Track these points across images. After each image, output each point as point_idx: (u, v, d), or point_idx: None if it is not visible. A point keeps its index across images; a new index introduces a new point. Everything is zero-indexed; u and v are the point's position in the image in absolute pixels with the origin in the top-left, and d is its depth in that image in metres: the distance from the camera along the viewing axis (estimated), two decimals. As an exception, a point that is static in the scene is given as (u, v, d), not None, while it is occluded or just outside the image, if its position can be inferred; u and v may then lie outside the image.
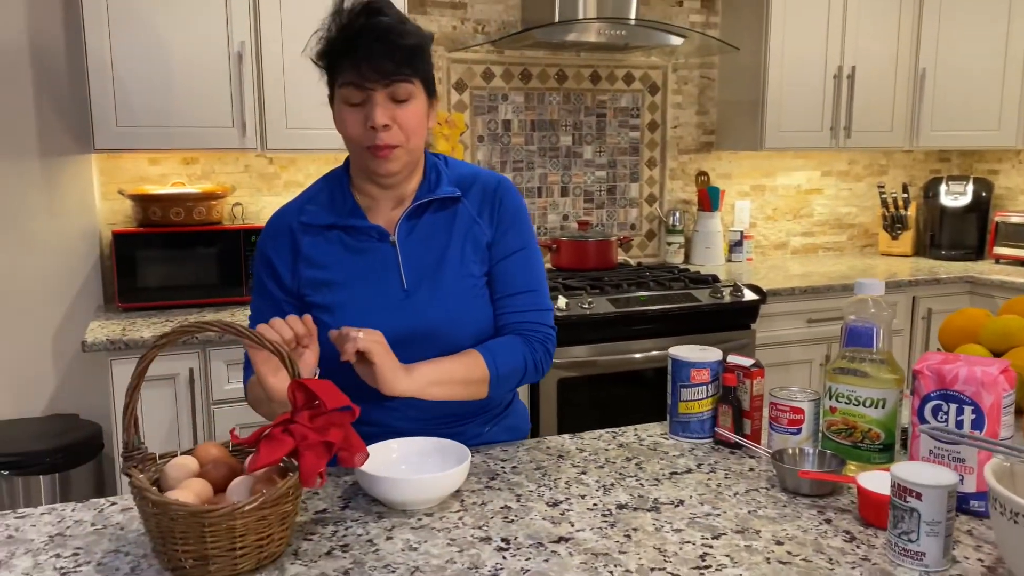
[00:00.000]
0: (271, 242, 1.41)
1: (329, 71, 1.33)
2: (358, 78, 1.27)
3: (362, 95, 1.28)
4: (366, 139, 1.30)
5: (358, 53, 1.26)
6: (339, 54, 1.29)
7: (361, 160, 1.35)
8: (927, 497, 0.98)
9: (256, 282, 1.43)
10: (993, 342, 1.56)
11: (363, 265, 1.38)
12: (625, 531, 1.11)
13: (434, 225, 1.41)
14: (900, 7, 3.52)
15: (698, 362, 1.46)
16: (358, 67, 1.26)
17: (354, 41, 1.27)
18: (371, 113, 1.28)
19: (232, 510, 0.96)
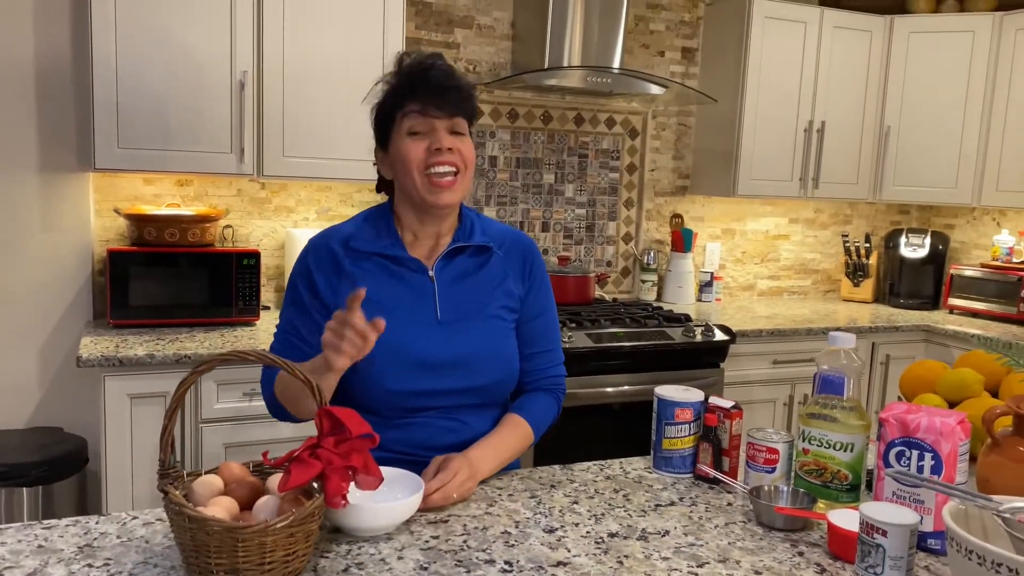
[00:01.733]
0: (314, 257, 1.50)
1: (391, 108, 1.46)
2: (424, 108, 1.42)
3: (426, 125, 1.43)
4: (428, 162, 1.43)
5: (428, 85, 1.42)
6: (407, 88, 1.43)
7: (419, 191, 1.45)
8: (892, 534, 1.10)
9: (291, 294, 1.52)
10: (949, 392, 1.70)
11: (402, 292, 1.49)
12: (617, 558, 1.21)
13: (467, 267, 1.55)
14: (868, 68, 3.73)
15: (682, 402, 1.57)
16: (426, 99, 1.42)
17: (423, 76, 1.43)
18: (437, 137, 1.43)
19: (265, 527, 1.04)
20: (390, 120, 1.47)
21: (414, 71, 1.44)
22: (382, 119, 1.49)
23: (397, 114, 1.45)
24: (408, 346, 1.43)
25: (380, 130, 1.50)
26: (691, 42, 3.77)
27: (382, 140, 1.50)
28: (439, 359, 1.46)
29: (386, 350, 1.38)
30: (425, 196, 1.45)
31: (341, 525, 1.24)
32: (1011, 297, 3.59)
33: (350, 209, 3.24)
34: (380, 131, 1.50)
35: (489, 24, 3.38)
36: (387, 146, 1.49)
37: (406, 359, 1.44)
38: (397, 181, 1.50)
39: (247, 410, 2.51)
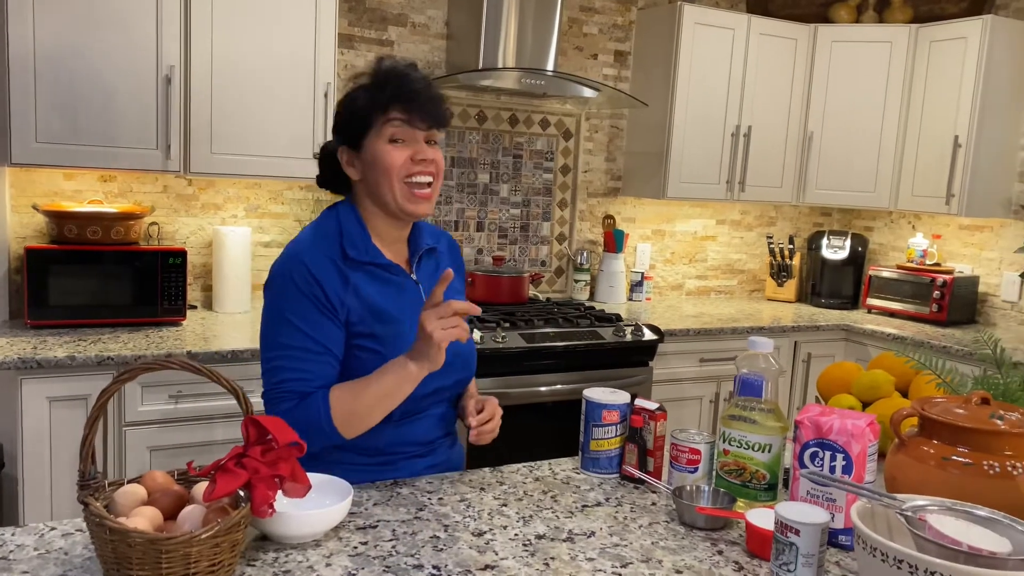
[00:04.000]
0: (317, 269, 1.45)
1: (370, 110, 1.46)
2: (410, 117, 1.45)
3: (408, 134, 1.46)
4: (407, 170, 1.46)
5: (413, 94, 1.44)
6: (391, 94, 1.44)
7: (397, 198, 1.48)
8: (804, 533, 1.15)
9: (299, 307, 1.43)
10: (863, 393, 1.78)
11: (402, 301, 1.53)
12: (544, 560, 1.24)
13: (431, 268, 1.63)
14: (793, 75, 3.84)
15: (609, 404, 1.61)
16: (411, 108, 1.44)
17: (408, 84, 1.45)
18: (419, 148, 1.47)
19: (189, 538, 1.03)
20: (367, 122, 1.46)
21: (398, 78, 1.45)
22: (358, 119, 1.47)
23: (377, 118, 1.45)
24: None
25: (352, 130, 1.48)
26: (624, 45, 3.83)
27: (353, 140, 1.49)
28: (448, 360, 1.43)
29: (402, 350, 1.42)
30: (404, 205, 1.48)
31: (268, 533, 1.23)
32: (925, 297, 3.75)
33: (280, 207, 3.20)
34: (352, 131, 1.49)
35: (423, 22, 3.37)
36: (359, 147, 1.48)
37: None
38: (367, 184, 1.50)
39: (173, 413, 2.46)
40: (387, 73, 1.47)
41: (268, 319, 1.46)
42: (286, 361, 1.42)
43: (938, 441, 1.33)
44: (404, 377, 1.38)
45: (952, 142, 3.56)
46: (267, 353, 1.44)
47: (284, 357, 1.42)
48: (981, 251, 3.88)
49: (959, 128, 3.55)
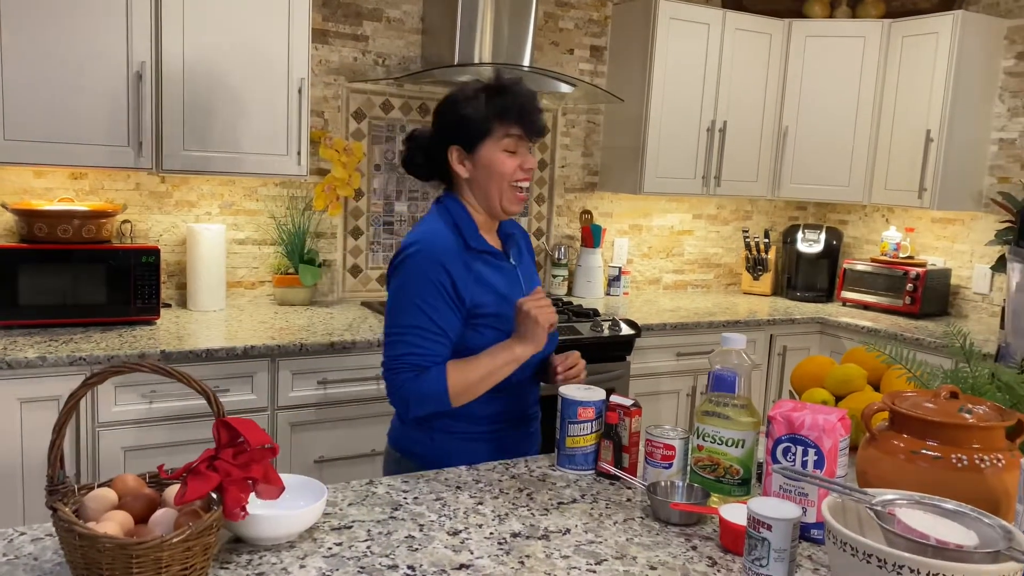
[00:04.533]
0: (448, 259, 1.64)
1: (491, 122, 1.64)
2: (527, 134, 1.67)
3: (520, 146, 1.68)
4: (516, 177, 1.68)
5: (530, 114, 1.66)
6: (515, 112, 1.65)
7: (502, 199, 1.70)
8: (776, 528, 1.16)
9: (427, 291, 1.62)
10: (835, 387, 1.80)
11: (507, 282, 1.74)
12: (519, 558, 1.24)
13: (518, 253, 1.84)
14: (767, 69, 3.87)
15: (585, 401, 1.61)
16: (528, 126, 1.66)
17: (528, 103, 1.66)
18: (526, 158, 1.69)
19: (160, 542, 1.02)
20: (486, 131, 1.65)
21: (521, 97, 1.66)
22: (475, 126, 1.65)
23: (497, 130, 1.65)
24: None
25: (469, 134, 1.66)
26: (600, 40, 3.83)
27: (467, 143, 1.67)
28: None
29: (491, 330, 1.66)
30: (506, 205, 1.70)
31: (242, 535, 1.23)
32: (898, 290, 3.80)
33: (255, 203, 3.17)
34: (468, 135, 1.66)
35: (398, 17, 3.35)
36: (473, 150, 1.67)
37: None
38: (476, 183, 1.70)
39: (148, 413, 2.44)
40: (508, 89, 1.66)
41: (398, 300, 1.65)
42: (409, 338, 1.62)
43: (908, 435, 1.35)
44: (512, 358, 1.63)
45: (924, 136, 3.60)
46: (392, 329, 1.64)
47: (408, 334, 1.62)
48: (953, 244, 3.93)
49: (931, 122, 3.59)
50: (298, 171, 2.88)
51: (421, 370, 1.61)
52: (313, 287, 3.25)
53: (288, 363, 2.62)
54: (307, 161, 2.89)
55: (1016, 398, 1.43)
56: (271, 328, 2.79)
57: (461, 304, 1.64)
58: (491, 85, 1.68)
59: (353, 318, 3.04)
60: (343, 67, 3.27)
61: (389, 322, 1.65)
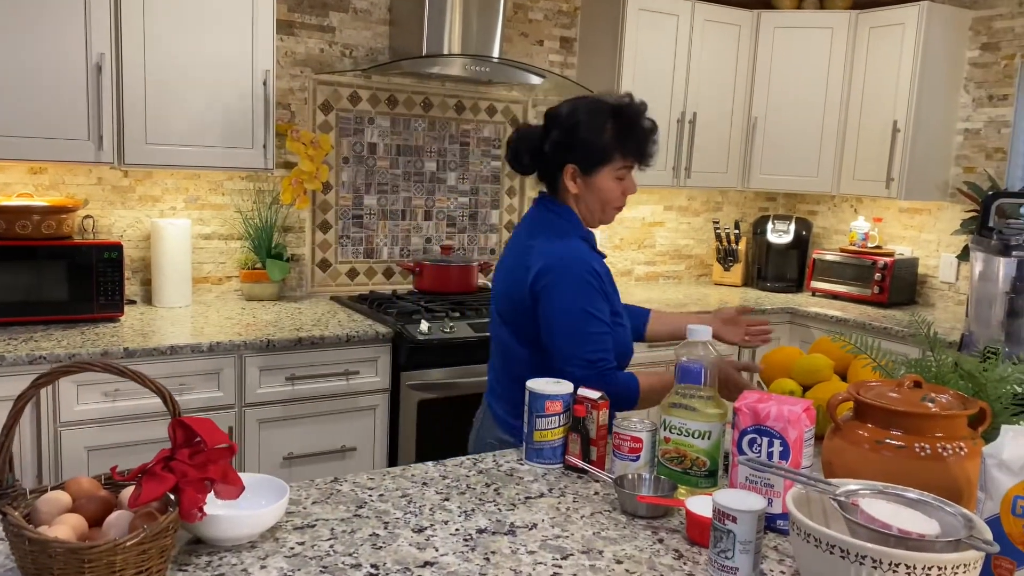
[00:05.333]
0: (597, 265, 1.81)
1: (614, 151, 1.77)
2: (639, 164, 1.81)
3: (626, 172, 1.81)
4: (619, 203, 1.85)
5: (649, 152, 1.81)
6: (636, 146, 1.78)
7: (602, 214, 1.86)
8: (741, 520, 1.16)
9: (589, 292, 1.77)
10: (803, 377, 1.80)
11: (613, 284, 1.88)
12: (484, 554, 1.23)
13: None
14: (736, 61, 3.87)
15: (552, 394, 1.60)
16: (641, 157, 1.80)
17: (644, 138, 1.79)
18: (630, 185, 1.84)
19: (114, 546, 1.00)
20: (606, 160, 1.78)
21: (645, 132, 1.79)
22: (599, 153, 1.77)
23: (617, 159, 1.78)
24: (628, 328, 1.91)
25: (590, 158, 1.78)
26: (569, 32, 3.82)
27: (586, 166, 1.79)
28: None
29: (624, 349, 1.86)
30: (601, 220, 1.88)
31: (201, 536, 1.20)
32: (867, 280, 3.83)
33: (220, 197, 3.12)
34: (589, 159, 1.78)
35: (365, 8, 3.31)
36: (589, 172, 1.80)
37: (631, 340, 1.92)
38: (582, 200, 1.84)
39: (111, 411, 2.40)
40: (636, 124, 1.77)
41: (574, 315, 1.75)
42: (600, 345, 1.76)
43: (872, 425, 1.35)
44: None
45: (891, 127, 3.63)
46: (583, 332, 1.75)
47: (598, 342, 1.76)
48: (920, 233, 3.97)
49: (898, 113, 3.62)
50: (264, 164, 2.84)
51: (614, 366, 1.79)
52: (281, 282, 3.21)
53: (255, 359, 2.59)
54: (273, 154, 2.85)
55: (978, 386, 1.45)
56: (238, 324, 2.75)
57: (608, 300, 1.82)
58: (621, 113, 1.77)
59: (322, 313, 3.01)
60: (309, 59, 3.22)
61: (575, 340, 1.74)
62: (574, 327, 1.75)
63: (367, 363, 2.78)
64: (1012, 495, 1.10)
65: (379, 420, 2.83)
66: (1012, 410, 1.43)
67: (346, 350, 2.73)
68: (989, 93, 3.67)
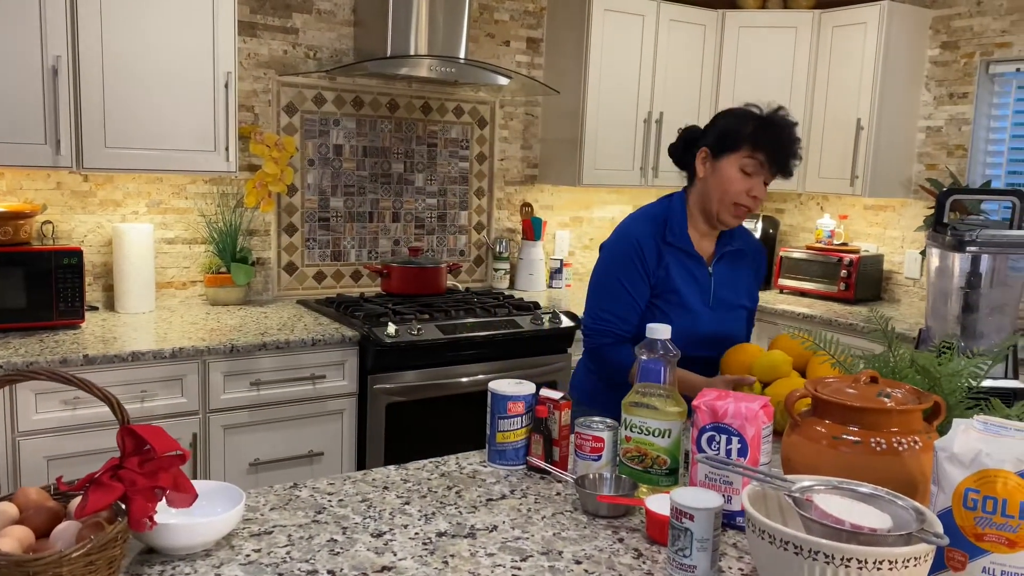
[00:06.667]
0: (645, 243, 1.90)
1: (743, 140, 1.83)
2: (768, 163, 1.83)
3: (755, 170, 1.83)
4: (740, 198, 1.86)
5: (779, 147, 1.82)
6: (764, 137, 1.82)
7: (719, 209, 1.89)
8: (698, 518, 1.16)
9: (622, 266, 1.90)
10: (762, 374, 1.81)
11: (693, 285, 1.93)
12: (443, 558, 1.22)
13: (729, 266, 2.00)
14: (702, 60, 3.90)
15: (514, 395, 1.59)
16: (771, 156, 1.82)
17: (783, 136, 1.83)
18: (757, 186, 1.86)
19: (59, 557, 0.98)
20: (736, 146, 1.84)
21: (781, 132, 1.83)
22: (731, 138, 1.85)
23: (744, 148, 1.83)
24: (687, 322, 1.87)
25: (722, 142, 1.86)
26: (536, 32, 3.82)
27: (716, 150, 1.87)
28: (703, 335, 1.89)
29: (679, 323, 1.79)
30: (722, 216, 1.89)
31: (154, 545, 1.18)
32: (833, 276, 3.87)
33: (184, 201, 3.08)
34: (721, 143, 1.87)
35: (329, 9, 3.29)
36: (717, 157, 1.87)
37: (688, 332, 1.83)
38: (706, 189, 1.90)
39: (71, 420, 2.36)
40: (774, 124, 1.84)
41: (602, 276, 1.94)
42: (612, 307, 1.91)
43: (830, 421, 1.36)
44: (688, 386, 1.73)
45: (855, 125, 3.67)
46: (597, 301, 1.93)
47: (611, 305, 1.91)
48: (885, 230, 4.02)
49: (861, 111, 3.66)
50: (227, 167, 2.81)
51: (619, 340, 1.91)
52: (247, 286, 3.18)
53: (219, 364, 2.56)
54: (236, 157, 2.82)
55: (933, 381, 1.46)
56: (202, 329, 2.72)
57: (649, 279, 1.90)
58: (765, 115, 1.87)
59: (288, 317, 2.98)
60: (273, 60, 3.20)
61: (593, 295, 1.95)
62: (591, 296, 1.97)
63: (334, 367, 2.76)
64: (963, 488, 1.11)
65: (347, 424, 2.81)
66: (966, 404, 1.45)
67: (312, 354, 2.71)
68: (949, 91, 3.72)
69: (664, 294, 1.91)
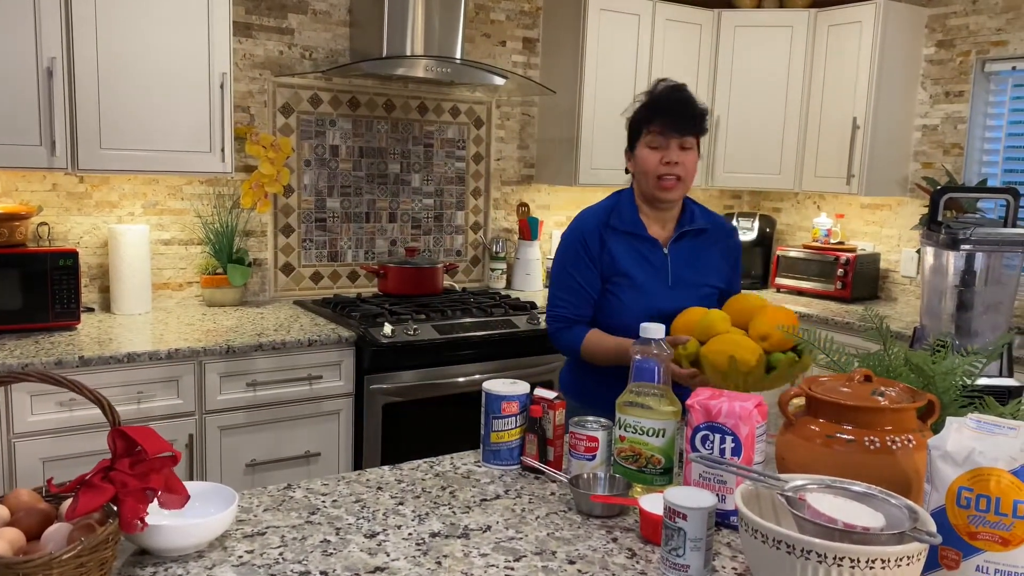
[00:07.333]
0: (588, 232, 1.99)
1: (640, 124, 1.94)
2: (662, 130, 1.90)
3: (662, 142, 1.91)
4: (658, 170, 1.92)
5: (667, 113, 1.90)
6: (652, 111, 1.92)
7: (649, 189, 1.96)
8: (691, 518, 1.16)
9: (570, 258, 2.00)
10: (701, 333, 1.80)
11: (645, 265, 1.98)
12: (436, 558, 1.22)
13: (690, 246, 2.02)
14: (698, 59, 3.89)
15: (508, 395, 1.59)
16: (665, 122, 1.90)
17: (665, 104, 1.92)
18: (669, 153, 1.91)
19: (49, 560, 0.97)
20: (638, 131, 1.95)
21: (661, 98, 1.93)
22: (632, 130, 1.97)
23: (644, 129, 1.94)
24: (645, 304, 1.92)
25: (630, 138, 1.99)
26: (532, 32, 3.82)
27: (630, 145, 2.00)
28: (665, 314, 1.86)
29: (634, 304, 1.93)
30: (655, 193, 1.95)
31: (146, 547, 1.18)
32: (830, 275, 3.87)
33: (180, 202, 3.08)
34: (630, 139, 1.99)
35: (324, 9, 3.29)
36: (633, 150, 1.99)
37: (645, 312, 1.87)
38: (637, 178, 2.01)
39: (67, 421, 2.35)
40: (654, 94, 1.94)
41: (555, 267, 2.06)
42: (563, 295, 2.01)
43: (824, 420, 1.35)
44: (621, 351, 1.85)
45: (851, 123, 3.67)
46: (552, 291, 2.05)
47: (563, 292, 2.01)
48: (881, 229, 4.02)
49: (857, 110, 3.66)
50: (223, 168, 2.81)
51: (569, 323, 2.01)
52: (243, 287, 3.17)
53: (215, 365, 2.56)
54: (232, 158, 2.82)
55: (927, 379, 1.46)
56: (198, 330, 2.72)
57: (595, 266, 1.98)
58: (648, 93, 1.97)
59: (284, 317, 2.98)
60: (268, 61, 3.19)
61: (551, 285, 2.07)
62: (549, 287, 2.10)
63: (330, 367, 2.76)
64: (956, 486, 1.11)
65: (343, 425, 2.81)
66: (961, 402, 1.44)
67: (309, 354, 2.71)
68: (945, 90, 3.72)
69: (613, 277, 1.98)
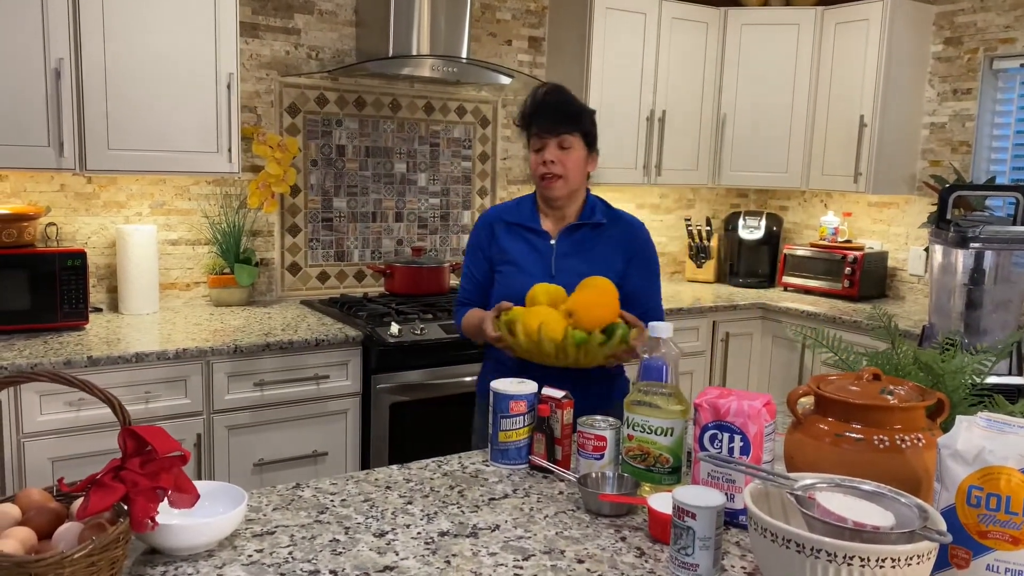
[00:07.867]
0: (482, 227, 2.13)
1: (525, 130, 2.05)
2: (539, 131, 2.00)
3: (541, 143, 2.00)
4: (539, 170, 2.02)
5: (543, 115, 2.00)
6: (530, 116, 2.02)
7: (538, 187, 2.06)
8: (700, 516, 1.16)
9: (469, 248, 2.17)
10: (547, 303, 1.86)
11: (533, 252, 2.07)
12: (445, 557, 1.22)
13: (583, 240, 2.07)
14: (705, 58, 3.89)
15: (516, 394, 1.59)
16: (540, 126, 2.00)
17: (539, 108, 2.01)
18: (546, 153, 2.00)
19: (61, 559, 0.98)
20: (527, 138, 2.06)
21: (538, 102, 2.01)
22: (526, 138, 2.08)
23: (528, 135, 2.05)
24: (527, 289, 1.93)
25: (528, 145, 2.07)
26: (538, 31, 3.81)
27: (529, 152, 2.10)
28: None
29: (512, 293, 1.98)
30: (541, 191, 2.06)
31: (156, 546, 1.19)
32: (837, 274, 3.86)
33: (187, 203, 3.09)
34: (528, 145, 2.07)
35: (331, 10, 3.29)
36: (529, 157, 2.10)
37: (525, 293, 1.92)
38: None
39: (76, 421, 2.36)
40: (530, 100, 2.03)
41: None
42: (462, 281, 2.18)
43: (832, 419, 1.35)
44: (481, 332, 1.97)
45: (858, 122, 3.66)
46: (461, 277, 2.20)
47: (462, 280, 2.19)
48: (889, 227, 4.01)
49: (864, 108, 3.65)
50: (230, 168, 2.81)
51: (461, 306, 2.17)
52: (250, 287, 3.18)
53: (223, 365, 2.56)
54: (239, 158, 2.82)
55: (936, 377, 1.46)
56: (205, 330, 2.72)
57: (485, 255, 2.11)
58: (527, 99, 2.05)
59: (291, 317, 2.98)
60: (275, 61, 3.20)
61: None
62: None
63: (337, 367, 2.76)
64: (967, 485, 1.11)
65: (351, 424, 2.81)
66: (970, 400, 1.44)
67: (316, 354, 2.71)
68: (953, 87, 3.71)
69: (500, 264, 2.10)
